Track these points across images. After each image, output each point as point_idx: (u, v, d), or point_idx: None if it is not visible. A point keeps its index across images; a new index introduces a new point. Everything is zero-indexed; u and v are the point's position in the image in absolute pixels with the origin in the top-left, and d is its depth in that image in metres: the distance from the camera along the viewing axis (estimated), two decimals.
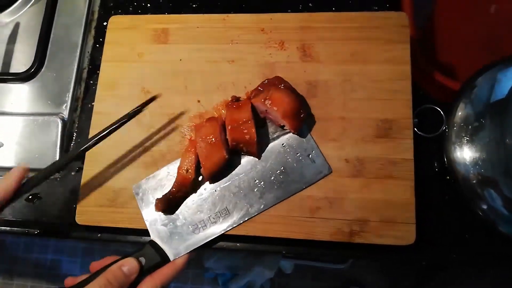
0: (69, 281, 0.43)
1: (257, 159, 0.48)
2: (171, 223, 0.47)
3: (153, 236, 0.46)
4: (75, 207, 0.49)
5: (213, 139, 0.45)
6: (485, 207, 0.43)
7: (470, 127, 0.45)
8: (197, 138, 0.46)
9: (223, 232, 0.46)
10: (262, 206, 0.46)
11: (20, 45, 0.61)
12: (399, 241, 0.44)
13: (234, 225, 0.46)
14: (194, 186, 0.47)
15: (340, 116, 0.48)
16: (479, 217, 0.44)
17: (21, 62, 0.60)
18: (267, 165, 0.47)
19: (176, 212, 0.47)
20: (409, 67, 0.48)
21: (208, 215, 0.47)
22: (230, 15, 0.54)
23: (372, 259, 0.47)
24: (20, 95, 0.58)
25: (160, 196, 0.47)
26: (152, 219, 0.47)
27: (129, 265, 0.42)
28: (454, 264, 0.47)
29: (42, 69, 0.57)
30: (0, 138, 0.56)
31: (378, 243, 0.44)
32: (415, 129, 0.48)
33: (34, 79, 0.57)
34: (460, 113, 0.46)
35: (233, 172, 0.48)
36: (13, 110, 0.57)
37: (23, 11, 0.63)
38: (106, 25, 0.57)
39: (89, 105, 0.56)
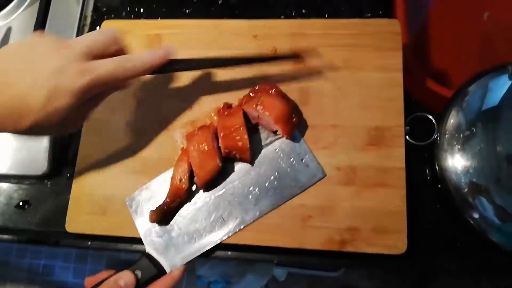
0: None
1: (250, 166, 0.47)
2: (166, 234, 0.46)
3: (149, 249, 0.46)
4: (66, 215, 0.49)
5: (206, 147, 0.44)
6: (476, 215, 0.43)
7: (461, 135, 0.45)
8: (189, 147, 0.45)
9: (219, 241, 0.46)
10: (257, 213, 0.46)
11: None
12: (391, 250, 0.43)
13: (230, 234, 0.45)
14: (188, 196, 0.47)
15: (332, 123, 0.48)
16: (470, 225, 0.44)
17: None
18: (261, 171, 0.47)
19: (171, 222, 0.47)
20: (401, 75, 0.48)
21: (203, 225, 0.46)
22: (223, 21, 0.54)
23: (364, 268, 0.46)
24: None
25: (154, 207, 0.46)
26: (146, 231, 0.47)
27: (125, 278, 0.41)
28: (446, 273, 0.47)
29: None
30: None
31: (369, 252, 0.44)
32: (407, 137, 0.47)
33: None
34: (452, 121, 0.46)
35: (227, 180, 0.47)
36: None
37: (15, 15, 0.62)
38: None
39: None
